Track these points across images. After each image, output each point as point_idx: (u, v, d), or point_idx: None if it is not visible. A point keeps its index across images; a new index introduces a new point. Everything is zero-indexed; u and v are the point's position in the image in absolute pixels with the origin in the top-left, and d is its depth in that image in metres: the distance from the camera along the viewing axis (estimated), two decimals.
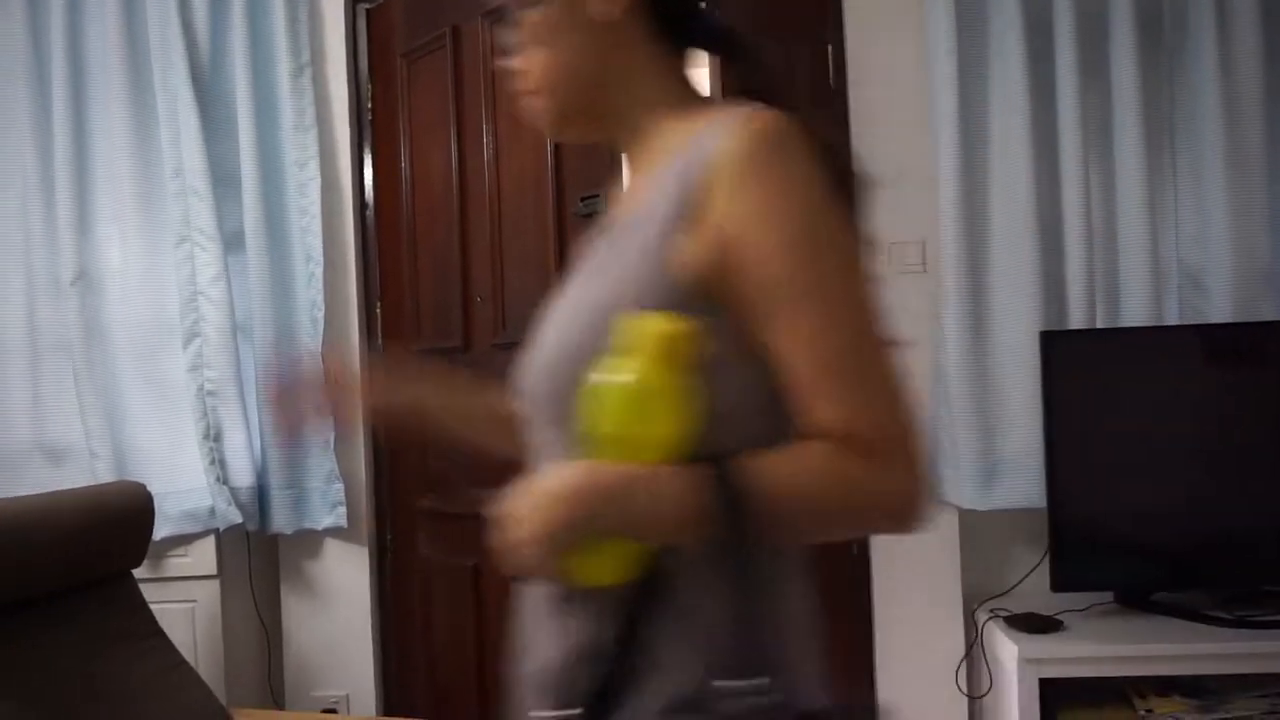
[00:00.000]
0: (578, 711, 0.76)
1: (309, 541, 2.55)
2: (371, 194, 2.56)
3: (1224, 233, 2.21)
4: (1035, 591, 2.36)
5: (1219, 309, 2.22)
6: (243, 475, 2.41)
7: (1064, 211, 2.26)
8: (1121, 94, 2.24)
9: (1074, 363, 2.18)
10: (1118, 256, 2.27)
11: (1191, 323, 2.26)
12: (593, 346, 0.76)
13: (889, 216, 2.39)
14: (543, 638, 0.84)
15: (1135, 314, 2.23)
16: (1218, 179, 2.22)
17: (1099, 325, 2.27)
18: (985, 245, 2.32)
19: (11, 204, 2.47)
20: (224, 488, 2.36)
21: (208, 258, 2.38)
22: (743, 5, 2.47)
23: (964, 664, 2.37)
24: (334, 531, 2.52)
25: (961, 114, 2.29)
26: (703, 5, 0.95)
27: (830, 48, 2.45)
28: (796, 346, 0.74)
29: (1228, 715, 2.02)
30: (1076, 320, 2.24)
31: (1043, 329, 2.23)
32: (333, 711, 2.53)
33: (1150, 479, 2.17)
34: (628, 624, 0.76)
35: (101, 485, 1.99)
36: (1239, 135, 2.22)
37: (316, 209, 2.45)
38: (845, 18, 2.42)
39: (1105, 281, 2.29)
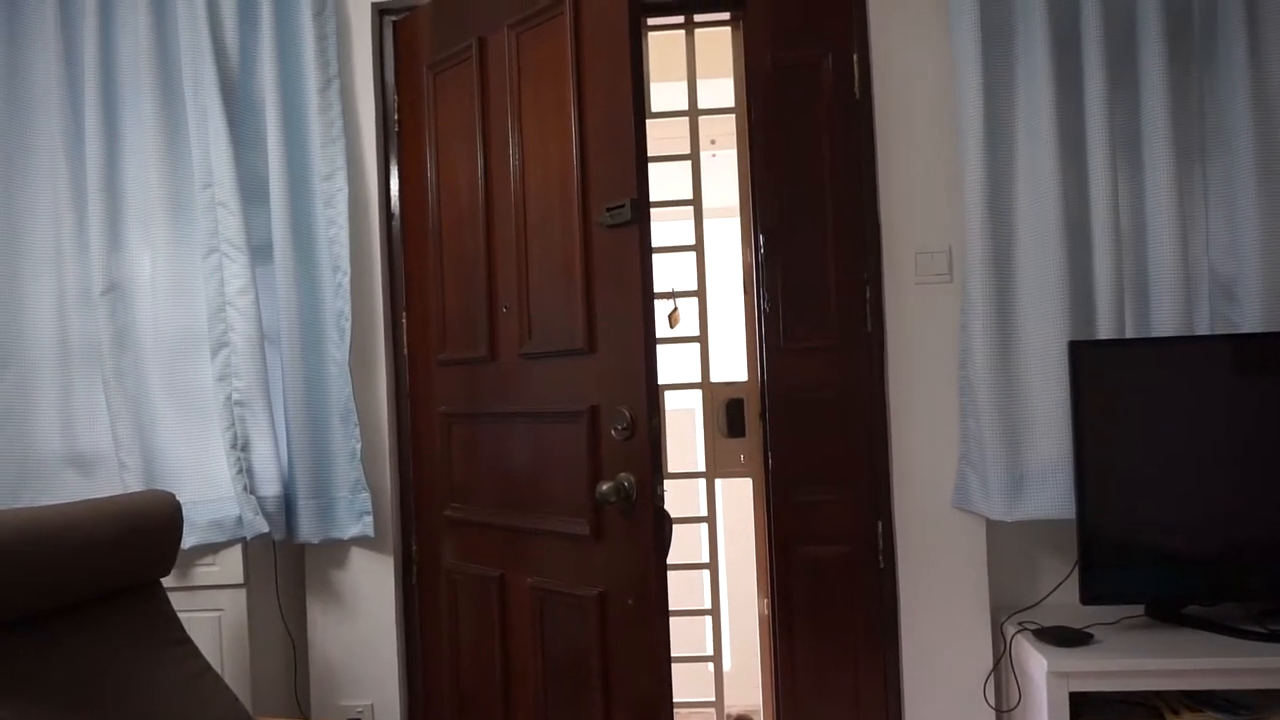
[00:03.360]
0: None
1: (335, 551, 2.56)
2: (398, 204, 2.58)
3: (1255, 241, 2.19)
4: (1064, 604, 2.34)
5: (1250, 319, 2.20)
6: (270, 484, 2.42)
7: (1092, 220, 2.25)
8: (1150, 101, 2.22)
9: (1103, 373, 2.16)
10: (1147, 265, 2.25)
11: (1222, 333, 2.23)
12: None
13: (915, 225, 2.39)
14: None
15: (1165, 324, 2.20)
16: (1248, 187, 2.20)
17: (1128, 335, 2.25)
18: (1012, 254, 2.30)
19: (43, 216, 2.51)
20: (251, 497, 2.38)
21: (236, 268, 2.40)
22: (769, 14, 2.48)
23: (992, 677, 2.35)
24: (360, 541, 2.53)
25: (988, 122, 2.28)
26: None
27: (856, 56, 2.45)
28: None
29: None
30: (1105, 330, 2.22)
31: (1071, 339, 2.21)
32: None
33: (1181, 490, 2.14)
34: None
35: (130, 495, 2.00)
36: (1270, 143, 2.20)
37: (344, 219, 2.47)
38: (870, 26, 2.42)
39: (1134, 291, 2.27)
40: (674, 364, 2.87)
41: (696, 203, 2.76)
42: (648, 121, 1.97)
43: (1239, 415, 2.13)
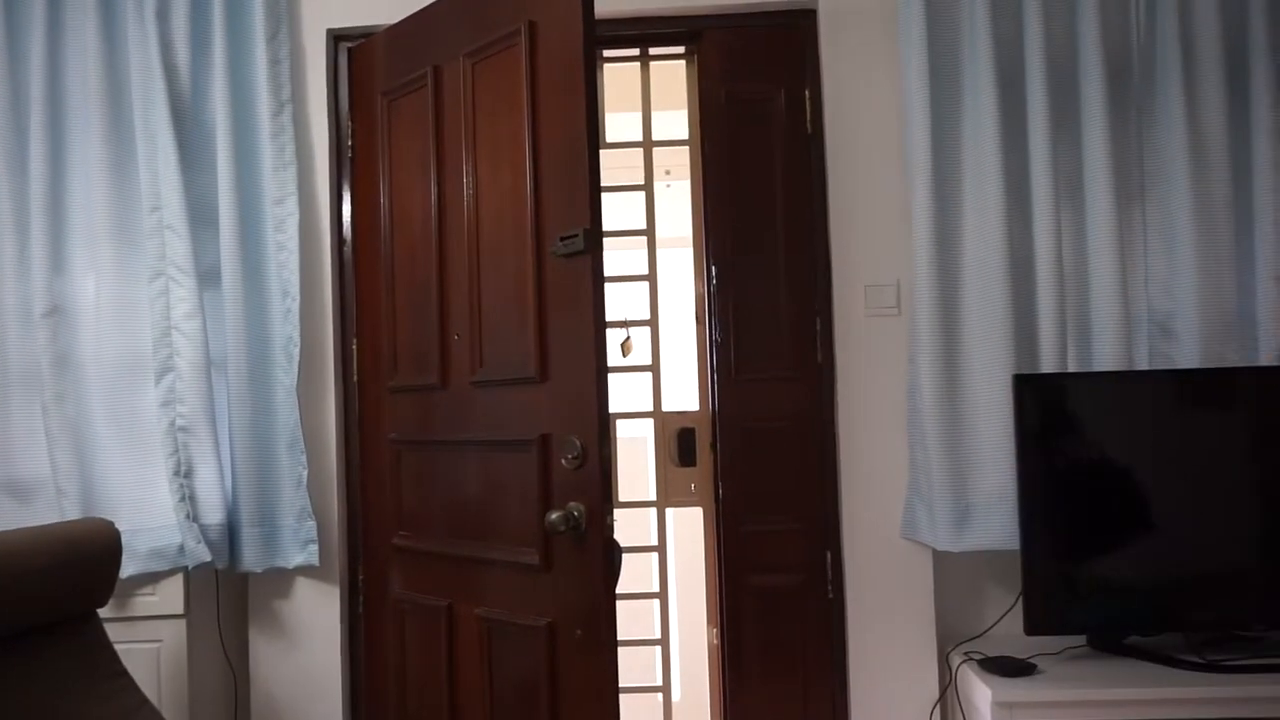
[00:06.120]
0: None
1: (279, 580, 2.51)
2: (350, 230, 2.56)
3: (1191, 281, 2.25)
4: (1010, 634, 2.37)
5: (1187, 355, 2.26)
6: (213, 512, 2.38)
7: (1036, 257, 2.30)
8: (1092, 144, 2.28)
9: (1046, 406, 2.20)
10: (1089, 302, 2.30)
11: (1161, 368, 2.29)
12: None
13: (865, 259, 2.42)
14: None
15: (1106, 359, 2.25)
16: (1186, 228, 2.26)
17: (1071, 369, 2.30)
18: (959, 289, 2.35)
19: None
20: (194, 525, 2.33)
21: (183, 292, 2.37)
22: (723, 49, 2.52)
23: (938, 707, 2.37)
24: (305, 570, 2.48)
25: (935, 160, 2.33)
26: None
27: (808, 93, 2.49)
28: None
29: None
30: (1048, 364, 2.26)
31: (1015, 372, 2.25)
32: None
33: (1122, 522, 2.18)
34: None
35: (68, 523, 1.96)
36: (1206, 186, 2.27)
37: (294, 244, 2.44)
38: (823, 64, 2.47)
39: (1077, 326, 2.32)
40: (626, 392, 2.87)
41: (650, 233, 2.78)
42: (602, 151, 1.98)
43: (1178, 448, 2.19)
